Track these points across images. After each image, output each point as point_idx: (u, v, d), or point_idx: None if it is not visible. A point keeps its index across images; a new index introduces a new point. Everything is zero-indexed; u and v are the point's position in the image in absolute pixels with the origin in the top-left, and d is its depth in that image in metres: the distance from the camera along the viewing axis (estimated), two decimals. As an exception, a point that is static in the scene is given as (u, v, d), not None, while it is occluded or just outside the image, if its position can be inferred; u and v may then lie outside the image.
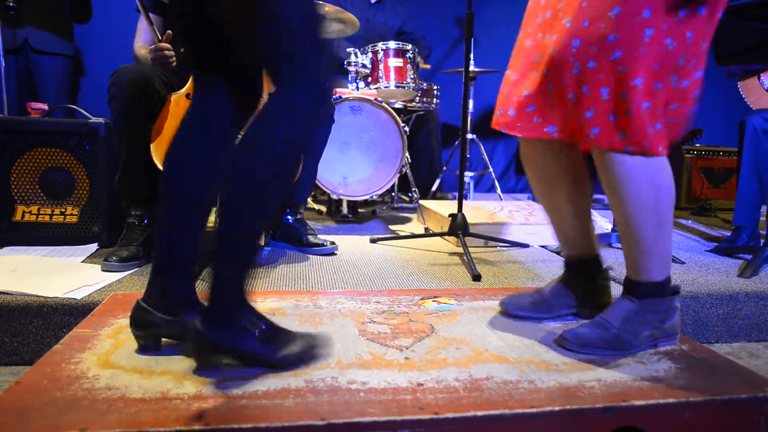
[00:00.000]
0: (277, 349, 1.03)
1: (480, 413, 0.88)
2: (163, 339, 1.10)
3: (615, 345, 1.15)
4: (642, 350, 1.17)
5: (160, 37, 1.92)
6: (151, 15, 2.09)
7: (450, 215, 2.20)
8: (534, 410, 0.90)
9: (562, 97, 1.13)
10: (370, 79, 2.94)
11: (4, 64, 2.61)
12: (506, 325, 1.30)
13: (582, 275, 1.36)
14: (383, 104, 2.68)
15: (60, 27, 3.03)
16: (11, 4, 2.65)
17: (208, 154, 1.08)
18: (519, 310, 1.36)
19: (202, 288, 1.06)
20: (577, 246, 1.36)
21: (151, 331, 1.08)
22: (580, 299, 1.36)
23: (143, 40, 2.11)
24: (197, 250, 1.09)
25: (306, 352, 1.06)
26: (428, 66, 3.47)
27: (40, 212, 2.02)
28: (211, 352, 1.00)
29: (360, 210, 3.19)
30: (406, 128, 2.75)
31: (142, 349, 1.08)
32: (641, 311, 1.18)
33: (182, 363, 1.03)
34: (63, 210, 2.03)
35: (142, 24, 2.13)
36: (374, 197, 2.81)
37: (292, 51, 0.98)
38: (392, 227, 2.82)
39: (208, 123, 1.10)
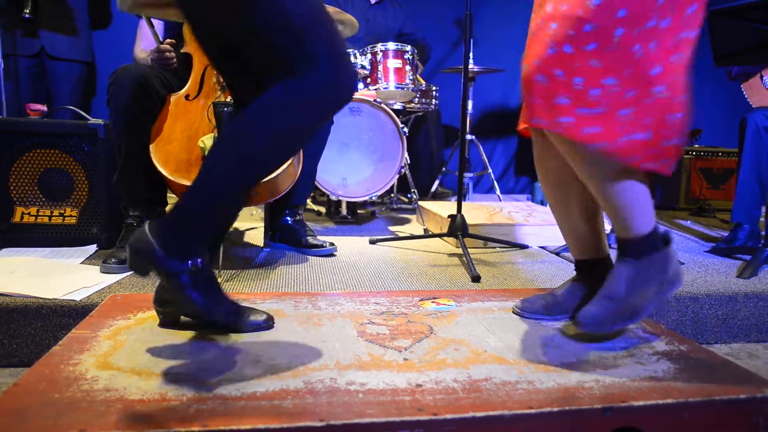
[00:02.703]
0: (217, 307, 1.10)
1: (479, 414, 0.88)
2: (182, 318, 1.19)
3: (628, 313, 1.17)
4: (654, 306, 1.19)
5: (161, 41, 1.92)
6: (154, 20, 2.09)
7: (449, 216, 2.20)
8: (533, 411, 0.90)
9: (531, 80, 1.12)
10: (369, 80, 2.95)
11: (3, 66, 2.63)
12: (505, 326, 1.30)
13: (592, 276, 1.36)
14: (382, 105, 2.68)
15: (76, 33, 3.08)
16: (27, 15, 2.71)
17: None
18: (533, 314, 1.36)
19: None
20: (586, 248, 1.36)
21: (169, 308, 1.17)
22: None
23: (143, 44, 2.11)
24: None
25: (245, 319, 1.13)
26: (423, 81, 3.45)
27: (39, 213, 2.02)
28: (157, 273, 1.06)
29: (359, 211, 3.19)
30: (405, 129, 2.75)
31: (161, 325, 1.20)
32: (642, 270, 1.18)
33: (181, 364, 1.03)
34: (62, 211, 2.03)
35: (143, 29, 2.13)
36: (373, 198, 2.81)
37: (298, 48, 1.00)
38: (391, 228, 2.82)
39: None
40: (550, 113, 1.11)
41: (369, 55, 2.95)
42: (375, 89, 2.91)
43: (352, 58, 2.92)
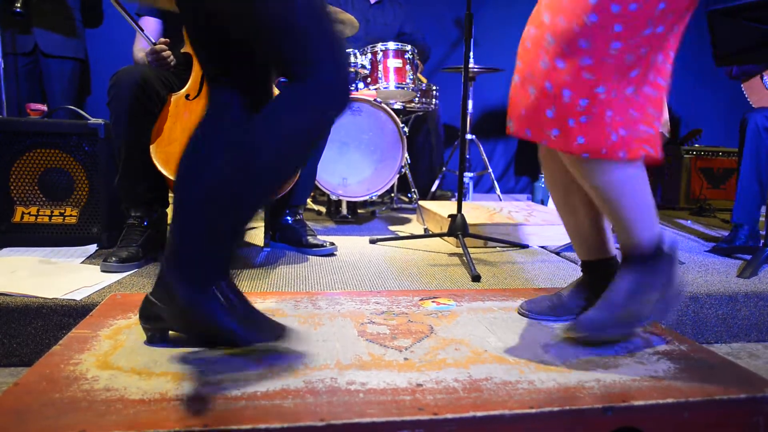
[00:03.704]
0: (254, 331, 1.05)
1: (479, 414, 0.88)
2: (170, 332, 1.12)
3: (628, 319, 1.16)
4: (653, 319, 1.19)
5: (153, 41, 1.92)
6: (151, 19, 2.09)
7: (449, 216, 2.20)
8: (533, 411, 0.90)
9: (525, 90, 1.14)
10: (369, 79, 2.94)
11: (3, 66, 2.63)
12: (505, 326, 1.30)
13: (598, 277, 1.36)
14: (382, 105, 2.68)
15: (69, 30, 3.06)
16: (18, 9, 2.69)
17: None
18: (539, 315, 1.36)
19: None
20: (592, 248, 1.36)
21: (158, 324, 1.09)
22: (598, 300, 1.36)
23: (142, 44, 2.12)
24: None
25: (282, 338, 1.07)
26: (425, 80, 3.44)
27: (40, 213, 2.02)
28: (189, 318, 1.02)
29: (359, 211, 3.19)
30: (406, 129, 2.75)
31: (149, 341, 1.11)
32: (644, 278, 1.18)
33: (181, 364, 1.03)
34: (62, 211, 2.03)
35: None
36: (374, 198, 2.81)
37: (302, 49, 0.98)
38: (392, 228, 2.82)
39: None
40: (539, 125, 1.12)
41: (369, 55, 2.95)
42: (375, 89, 2.91)
43: (352, 58, 2.92)
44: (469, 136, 3.59)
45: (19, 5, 2.71)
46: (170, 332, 1.12)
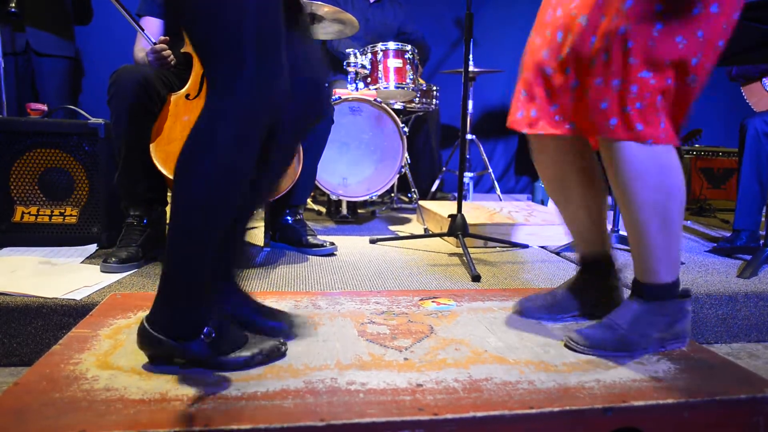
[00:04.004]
0: (225, 351, 1.01)
1: (479, 414, 0.88)
2: None
3: (623, 346, 1.15)
4: (650, 352, 1.17)
5: (153, 41, 1.92)
6: (153, 19, 2.09)
7: (449, 216, 2.20)
8: (533, 411, 0.90)
9: (583, 93, 1.14)
10: (369, 79, 2.94)
11: (3, 65, 2.62)
12: (505, 326, 1.30)
13: (594, 274, 1.36)
14: (383, 105, 2.68)
15: (61, 28, 3.05)
16: (13, 9, 2.67)
17: None
18: (534, 313, 1.35)
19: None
20: (589, 244, 1.36)
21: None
22: (593, 299, 1.35)
23: (143, 44, 2.12)
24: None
25: (255, 356, 1.03)
26: (423, 81, 3.44)
27: (40, 213, 2.02)
28: (157, 348, 1.00)
29: (359, 211, 3.19)
30: (406, 129, 2.75)
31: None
32: (649, 312, 1.17)
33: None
34: (62, 211, 2.03)
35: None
36: (374, 198, 2.81)
37: (221, 47, 0.91)
38: (392, 228, 2.82)
39: None
40: (600, 120, 1.11)
41: (369, 55, 2.94)
42: (375, 89, 2.91)
43: (352, 58, 2.92)
44: (469, 136, 3.59)
45: (13, 5, 2.69)
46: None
